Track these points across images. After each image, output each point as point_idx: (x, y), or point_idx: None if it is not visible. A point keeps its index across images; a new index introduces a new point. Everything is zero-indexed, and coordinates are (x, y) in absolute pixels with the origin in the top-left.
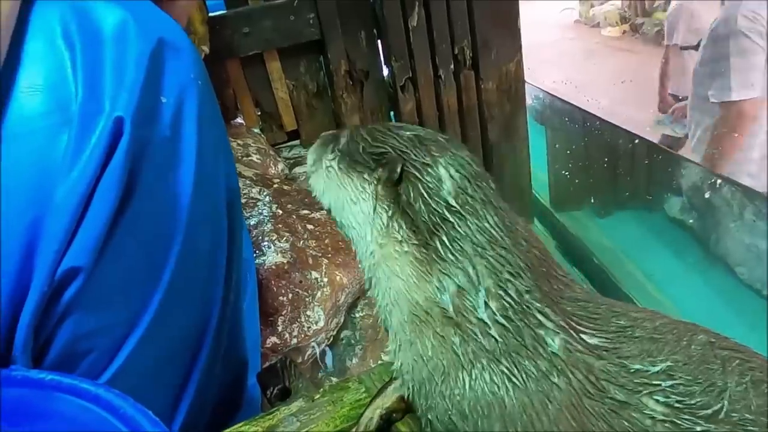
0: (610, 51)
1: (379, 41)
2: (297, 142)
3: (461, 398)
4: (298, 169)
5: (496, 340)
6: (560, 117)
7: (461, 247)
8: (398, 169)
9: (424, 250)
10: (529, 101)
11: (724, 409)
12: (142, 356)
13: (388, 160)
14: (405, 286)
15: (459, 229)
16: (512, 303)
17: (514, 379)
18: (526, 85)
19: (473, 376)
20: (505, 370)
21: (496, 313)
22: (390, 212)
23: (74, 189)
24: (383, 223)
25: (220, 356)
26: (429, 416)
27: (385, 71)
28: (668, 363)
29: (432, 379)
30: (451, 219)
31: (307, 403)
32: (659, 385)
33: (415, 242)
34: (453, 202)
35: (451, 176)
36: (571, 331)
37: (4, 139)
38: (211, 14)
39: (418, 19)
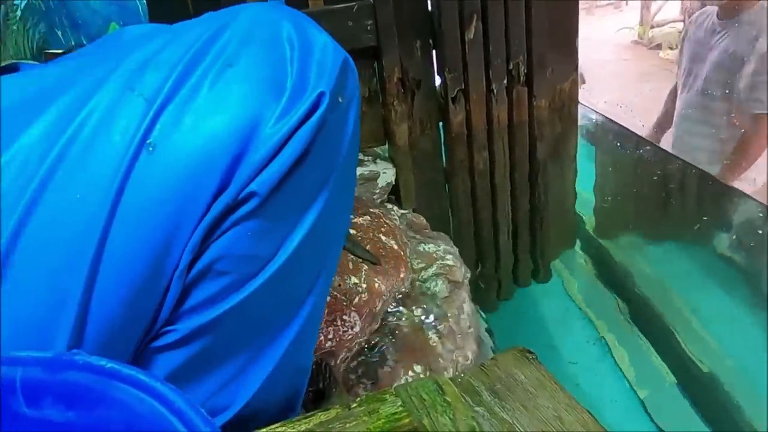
0: (667, 74)
1: (434, 51)
2: None
3: None
4: None
5: None
6: (611, 139)
7: None
8: None
9: None
10: (580, 121)
11: None
12: (262, 297)
13: None
14: None
15: None
16: None
17: None
18: (578, 105)
19: None
20: None
21: None
22: None
23: (275, 135)
24: None
25: (301, 345)
26: None
27: (438, 82)
28: None
29: None
30: None
31: (343, 410)
32: None
33: None
34: None
35: None
36: None
37: (234, 94)
38: None
39: (474, 33)
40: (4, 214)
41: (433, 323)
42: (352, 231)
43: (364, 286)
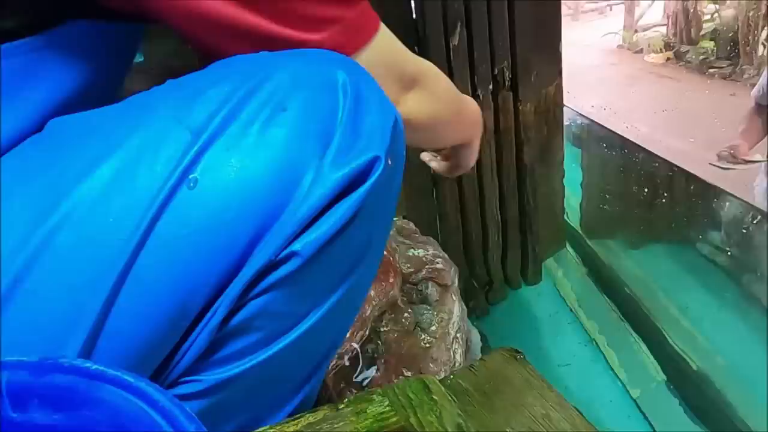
0: (652, 78)
1: None
2: None
3: None
4: None
5: None
6: (598, 142)
7: None
8: None
9: None
10: (566, 125)
11: None
12: (289, 353)
13: None
14: None
15: None
16: None
17: None
18: (565, 109)
19: None
20: None
21: None
22: None
23: (318, 188)
24: None
25: (317, 386)
26: None
27: None
28: None
29: None
30: None
31: (331, 411)
32: None
33: None
34: None
35: None
36: None
37: (283, 140)
38: None
39: (459, 39)
40: (34, 222)
41: (423, 327)
42: None
43: None
